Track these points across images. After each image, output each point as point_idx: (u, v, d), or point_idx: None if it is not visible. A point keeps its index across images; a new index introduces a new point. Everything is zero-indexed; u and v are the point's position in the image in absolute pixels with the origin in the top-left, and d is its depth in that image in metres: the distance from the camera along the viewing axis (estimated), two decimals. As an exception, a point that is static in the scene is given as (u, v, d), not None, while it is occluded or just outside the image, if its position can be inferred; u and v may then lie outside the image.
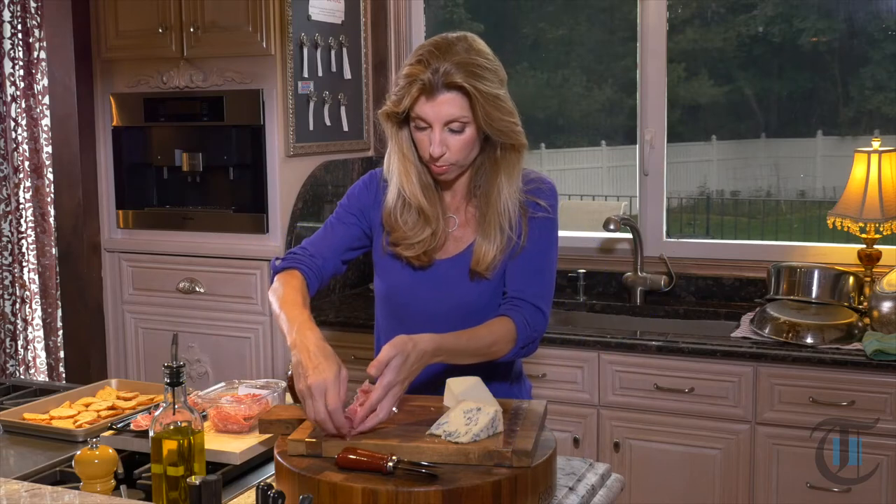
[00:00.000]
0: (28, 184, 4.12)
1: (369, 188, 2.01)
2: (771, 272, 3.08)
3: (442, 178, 1.91)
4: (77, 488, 1.63)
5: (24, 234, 4.15)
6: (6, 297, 4.16)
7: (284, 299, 1.81)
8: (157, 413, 1.54)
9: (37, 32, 4.03)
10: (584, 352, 2.95)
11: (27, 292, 4.17)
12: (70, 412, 2.07)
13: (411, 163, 1.90)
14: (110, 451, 1.65)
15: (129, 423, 1.84)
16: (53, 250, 4.07)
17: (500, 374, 2.00)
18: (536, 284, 1.91)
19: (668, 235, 3.56)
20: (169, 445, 1.51)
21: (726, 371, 2.80)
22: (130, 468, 1.75)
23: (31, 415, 2.06)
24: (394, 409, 1.66)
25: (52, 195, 3.93)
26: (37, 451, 1.91)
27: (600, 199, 6.20)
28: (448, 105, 1.79)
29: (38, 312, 4.20)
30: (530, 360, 2.99)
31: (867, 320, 2.85)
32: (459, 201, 1.97)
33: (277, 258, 1.97)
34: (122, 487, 1.70)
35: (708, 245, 3.51)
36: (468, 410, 1.62)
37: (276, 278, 1.91)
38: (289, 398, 2.00)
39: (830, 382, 2.70)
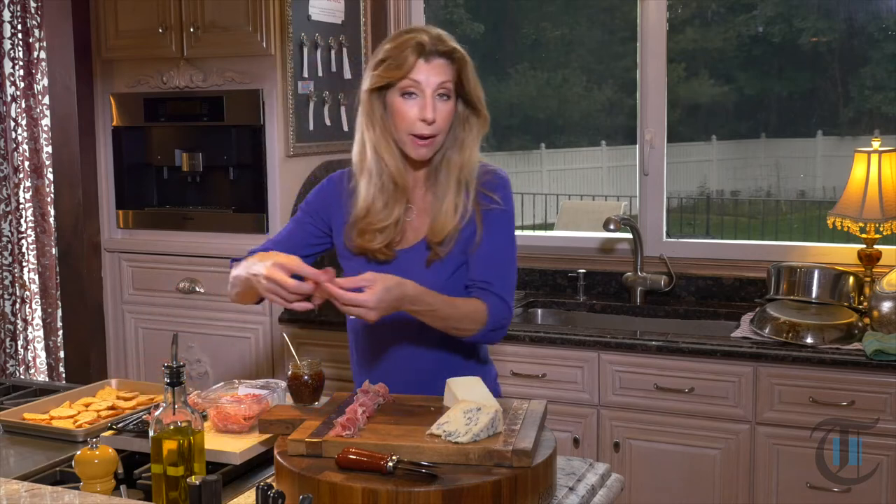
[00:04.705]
0: (28, 184, 4.12)
1: (325, 191, 2.09)
2: (771, 272, 3.08)
3: (421, 154, 1.94)
4: (77, 488, 1.63)
5: (24, 234, 4.15)
6: (6, 297, 4.17)
7: (235, 269, 1.96)
8: (157, 413, 1.54)
9: (37, 32, 4.03)
10: (584, 352, 2.95)
11: (27, 292, 4.17)
12: (70, 412, 2.08)
13: (392, 138, 1.95)
14: (110, 451, 1.65)
15: (130, 423, 1.84)
16: (53, 250, 4.07)
17: (468, 354, 2.06)
18: (501, 277, 1.97)
19: (668, 235, 3.56)
20: (169, 445, 1.52)
21: (726, 371, 2.80)
22: (130, 468, 1.75)
23: (31, 415, 2.06)
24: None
25: (52, 195, 3.93)
26: (37, 451, 1.91)
27: (600, 199, 6.21)
28: (441, 69, 1.90)
29: (38, 312, 4.20)
30: (530, 360, 2.99)
31: (867, 320, 2.85)
32: (417, 190, 2.02)
33: (233, 259, 2.06)
34: (122, 487, 1.70)
35: (708, 245, 3.51)
36: (468, 410, 1.62)
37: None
38: (289, 398, 2.00)
39: (830, 382, 2.70)
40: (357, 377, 2.13)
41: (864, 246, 3.07)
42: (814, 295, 2.95)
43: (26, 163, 4.11)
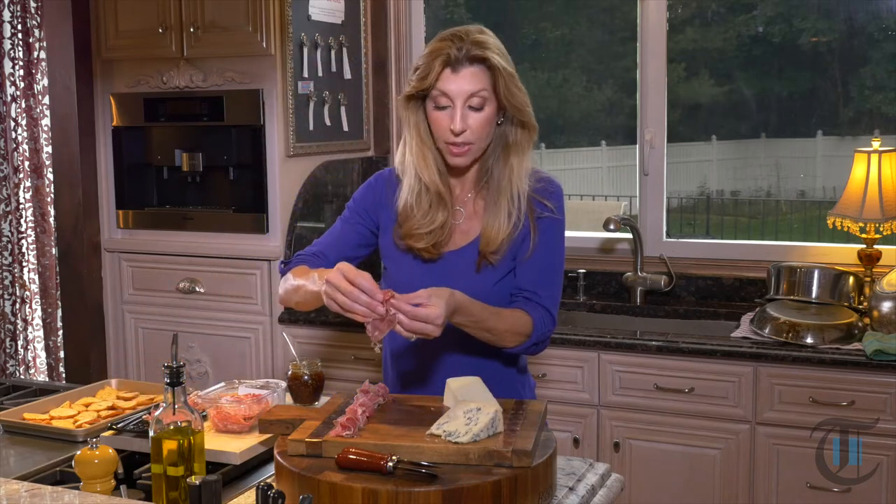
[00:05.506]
0: (28, 184, 4.12)
1: (374, 189, 2.06)
2: (771, 272, 3.08)
3: (457, 163, 1.93)
4: (77, 488, 1.63)
5: (24, 234, 4.15)
6: (6, 297, 4.16)
7: (296, 277, 1.91)
8: (157, 413, 1.54)
9: (37, 32, 4.03)
10: (584, 352, 2.95)
11: (27, 292, 4.17)
12: (70, 412, 2.07)
13: (428, 148, 1.95)
14: (110, 451, 1.65)
15: (130, 423, 1.84)
16: (53, 250, 4.07)
17: (509, 362, 2.04)
18: (548, 288, 1.97)
19: (668, 235, 3.56)
20: (169, 445, 1.51)
21: (726, 371, 2.80)
22: (130, 468, 1.75)
23: (31, 415, 2.06)
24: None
25: (52, 195, 3.93)
26: (37, 451, 1.91)
27: (600, 199, 6.20)
28: (471, 78, 1.86)
29: (38, 312, 4.20)
30: (530, 360, 2.99)
31: (867, 320, 2.85)
32: (467, 193, 2.01)
33: (283, 262, 2.03)
34: (122, 487, 1.70)
35: (708, 245, 3.51)
36: (468, 410, 1.62)
37: (282, 280, 1.98)
38: (289, 398, 2.00)
39: (830, 382, 2.70)
40: (391, 383, 2.08)
41: (864, 246, 3.07)
42: (814, 295, 2.95)
43: (26, 163, 4.11)
